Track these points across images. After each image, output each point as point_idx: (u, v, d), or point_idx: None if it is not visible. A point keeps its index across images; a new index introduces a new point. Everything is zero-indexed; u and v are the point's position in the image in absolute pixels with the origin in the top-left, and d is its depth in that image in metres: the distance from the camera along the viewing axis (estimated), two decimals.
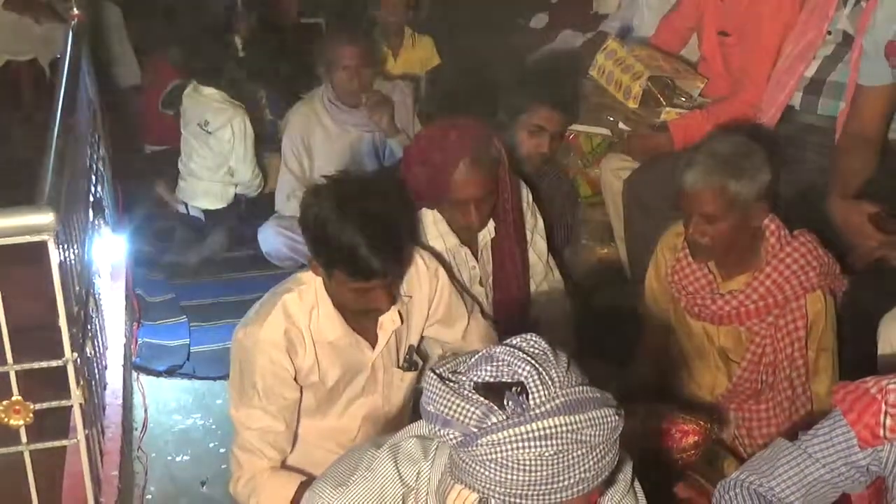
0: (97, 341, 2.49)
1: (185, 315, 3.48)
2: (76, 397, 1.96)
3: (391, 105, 3.68)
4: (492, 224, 2.80)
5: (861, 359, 2.46)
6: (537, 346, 1.44)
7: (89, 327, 2.33)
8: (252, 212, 4.06)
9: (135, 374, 3.05)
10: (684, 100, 3.35)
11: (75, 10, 3.31)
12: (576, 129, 3.47)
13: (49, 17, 5.04)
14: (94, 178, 2.97)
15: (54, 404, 1.97)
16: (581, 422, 1.37)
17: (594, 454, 1.40)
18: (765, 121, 3.13)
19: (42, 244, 1.85)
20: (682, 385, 2.81)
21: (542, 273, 3.01)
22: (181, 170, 4.07)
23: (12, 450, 1.96)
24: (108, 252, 3.17)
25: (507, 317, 2.86)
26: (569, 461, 1.38)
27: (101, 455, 2.33)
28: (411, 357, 2.51)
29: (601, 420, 1.39)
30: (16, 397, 1.91)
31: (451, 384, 1.43)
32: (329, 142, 3.73)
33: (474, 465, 1.41)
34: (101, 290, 2.85)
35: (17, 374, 1.91)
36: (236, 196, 4.08)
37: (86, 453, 2.04)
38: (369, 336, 2.40)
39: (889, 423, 1.80)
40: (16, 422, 1.91)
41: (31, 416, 1.91)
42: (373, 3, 4.50)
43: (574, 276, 3.41)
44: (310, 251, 2.27)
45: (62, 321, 1.91)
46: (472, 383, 1.42)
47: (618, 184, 3.38)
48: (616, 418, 1.40)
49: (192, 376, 3.17)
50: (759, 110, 3.16)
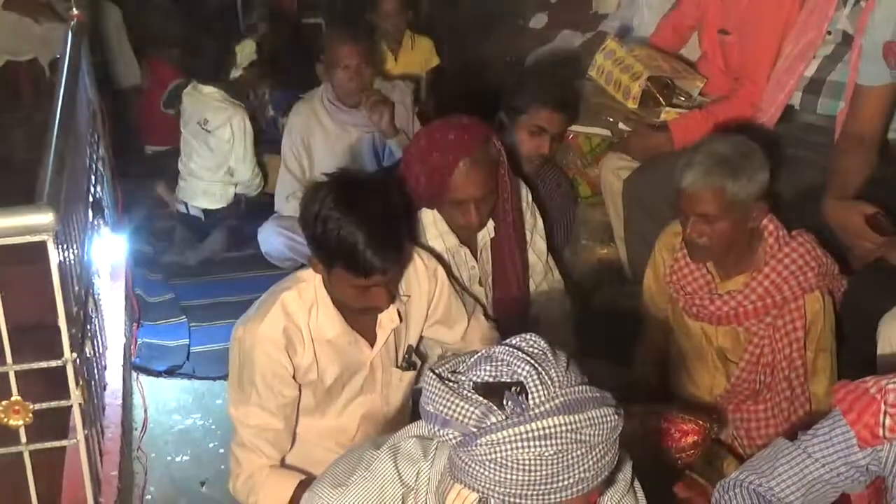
0: (97, 341, 2.49)
1: (184, 315, 3.49)
2: (76, 397, 1.96)
3: (391, 105, 3.67)
4: (491, 224, 2.80)
5: (860, 359, 2.45)
6: (537, 346, 1.44)
7: (89, 327, 2.32)
8: (252, 212, 4.05)
9: (134, 374, 3.05)
10: (684, 99, 3.34)
11: (75, 10, 3.30)
12: (575, 130, 3.46)
13: (49, 17, 5.02)
14: (93, 178, 2.96)
15: (54, 404, 1.96)
16: (580, 421, 1.37)
17: (594, 454, 1.40)
18: (764, 120, 3.13)
19: (41, 244, 1.85)
20: (681, 385, 2.81)
21: (542, 273, 3.01)
22: (181, 170, 4.06)
23: (12, 450, 1.96)
24: (108, 252, 3.16)
25: (507, 317, 2.86)
26: (568, 461, 1.37)
27: (101, 455, 2.33)
28: (410, 357, 2.51)
29: (601, 420, 1.38)
30: (15, 397, 1.90)
31: (450, 384, 1.43)
32: (329, 142, 3.73)
33: (474, 465, 1.41)
34: (100, 290, 2.85)
35: (17, 374, 1.90)
36: (236, 196, 4.07)
37: (85, 453, 2.03)
38: (368, 335, 2.40)
39: (888, 422, 1.80)
40: (15, 422, 1.91)
41: (30, 416, 1.91)
42: (371, 10, 4.50)
43: (574, 276, 3.41)
44: (309, 248, 2.27)
45: (61, 321, 1.90)
46: (471, 383, 1.42)
47: (617, 184, 3.38)
48: (616, 418, 1.40)
49: (192, 376, 3.18)
50: (758, 109, 3.16)
